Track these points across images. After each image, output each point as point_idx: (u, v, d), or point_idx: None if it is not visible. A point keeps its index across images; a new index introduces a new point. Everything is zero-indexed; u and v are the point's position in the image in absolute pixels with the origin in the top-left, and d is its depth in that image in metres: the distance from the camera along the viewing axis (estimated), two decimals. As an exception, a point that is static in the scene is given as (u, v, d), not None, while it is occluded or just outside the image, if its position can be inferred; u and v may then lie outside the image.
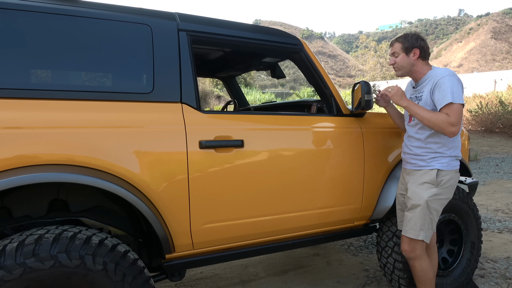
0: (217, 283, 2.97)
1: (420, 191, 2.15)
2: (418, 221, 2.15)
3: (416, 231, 2.15)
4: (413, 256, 2.20)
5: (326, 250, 3.68)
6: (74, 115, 1.64)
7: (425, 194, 2.13)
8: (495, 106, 14.36)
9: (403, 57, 2.20)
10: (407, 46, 2.19)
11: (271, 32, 2.28)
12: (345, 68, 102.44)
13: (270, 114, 2.20)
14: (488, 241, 3.80)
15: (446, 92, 2.04)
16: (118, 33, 1.80)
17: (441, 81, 2.08)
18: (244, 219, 2.03)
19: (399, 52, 2.21)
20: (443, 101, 2.04)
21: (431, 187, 2.14)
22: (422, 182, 2.16)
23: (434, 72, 2.18)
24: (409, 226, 2.18)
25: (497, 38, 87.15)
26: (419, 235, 2.15)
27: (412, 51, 2.19)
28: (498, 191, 6.11)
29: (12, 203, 1.77)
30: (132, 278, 1.58)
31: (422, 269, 2.21)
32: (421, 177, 2.18)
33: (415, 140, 2.23)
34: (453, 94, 2.03)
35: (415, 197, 2.17)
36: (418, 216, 2.15)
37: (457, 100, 2.03)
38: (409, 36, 2.22)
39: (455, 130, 2.03)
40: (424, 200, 2.13)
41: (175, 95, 1.89)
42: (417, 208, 2.15)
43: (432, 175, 2.14)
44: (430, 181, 2.15)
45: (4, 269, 1.35)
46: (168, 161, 1.80)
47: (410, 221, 2.18)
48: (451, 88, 2.04)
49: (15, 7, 1.61)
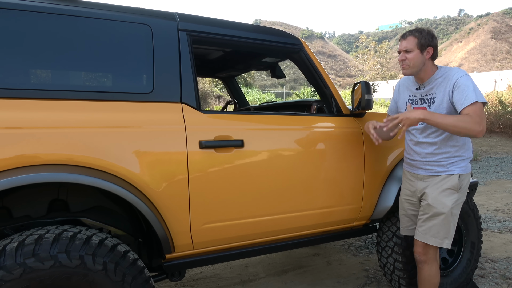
0: (217, 283, 2.97)
1: (443, 199, 2.06)
2: (442, 229, 2.07)
3: (440, 239, 2.08)
4: (424, 259, 2.16)
5: (326, 250, 3.68)
6: (74, 115, 1.64)
7: (449, 202, 2.06)
8: (495, 106, 14.36)
9: (417, 54, 2.02)
10: (423, 43, 2.01)
11: (271, 32, 2.28)
12: (345, 68, 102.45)
13: (270, 114, 2.20)
14: (488, 241, 3.80)
15: (468, 92, 1.93)
16: (118, 33, 1.80)
17: (460, 81, 1.96)
18: (244, 219, 2.03)
19: (413, 48, 2.02)
20: (465, 101, 1.92)
21: (453, 193, 2.07)
22: (445, 189, 2.07)
23: (445, 72, 2.05)
24: (431, 234, 2.10)
25: (497, 38, 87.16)
26: (443, 243, 2.09)
27: (426, 49, 2.02)
28: (498, 191, 6.11)
29: (12, 203, 1.77)
30: (132, 278, 1.58)
31: (430, 273, 2.17)
32: (442, 183, 2.08)
33: (429, 145, 2.10)
34: (475, 93, 1.92)
35: (438, 205, 2.07)
36: (442, 224, 2.07)
37: (480, 99, 1.92)
38: (425, 32, 2.03)
39: (482, 129, 1.89)
40: (449, 208, 2.05)
41: (175, 95, 1.89)
42: (441, 216, 2.06)
43: (454, 180, 2.06)
44: (452, 187, 2.06)
45: (4, 269, 1.35)
46: (168, 161, 1.80)
47: (431, 229, 2.09)
48: (473, 87, 1.94)
49: (15, 7, 1.61)
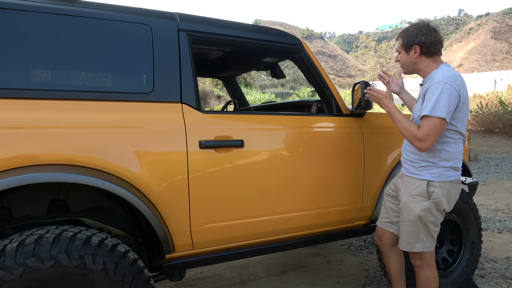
0: (217, 283, 2.97)
1: (411, 205, 2.01)
2: (411, 235, 2.04)
3: (411, 244, 2.05)
4: (419, 264, 2.12)
5: (326, 250, 3.68)
6: (74, 115, 1.64)
7: (416, 209, 1.99)
8: (495, 106, 14.37)
9: (403, 55, 2.05)
10: (405, 43, 2.02)
11: (271, 32, 2.28)
12: (345, 68, 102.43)
13: (270, 114, 2.20)
14: (488, 241, 3.80)
15: (429, 102, 1.87)
16: (118, 33, 1.80)
17: (432, 87, 1.90)
18: (244, 219, 2.03)
19: (400, 49, 2.07)
20: (423, 111, 1.89)
21: (422, 200, 1.98)
22: (414, 195, 2.01)
23: (436, 72, 1.97)
24: (402, 239, 2.09)
25: (497, 38, 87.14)
26: (415, 248, 2.04)
27: (412, 49, 2.00)
28: (498, 191, 6.11)
29: (12, 203, 1.77)
30: (132, 278, 1.58)
31: (427, 278, 2.12)
32: (412, 188, 2.02)
33: (409, 144, 2.09)
34: (434, 106, 1.85)
35: (406, 210, 2.03)
36: (409, 230, 2.03)
37: (435, 113, 1.84)
38: (409, 31, 2.01)
39: (422, 146, 1.89)
40: (415, 215, 1.99)
41: (175, 95, 1.89)
42: (408, 222, 2.03)
43: (422, 186, 1.98)
44: (421, 194, 1.99)
45: (4, 269, 1.35)
46: (168, 161, 1.80)
47: (402, 234, 2.08)
48: (437, 97, 1.84)
49: (15, 7, 1.61)
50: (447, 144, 1.97)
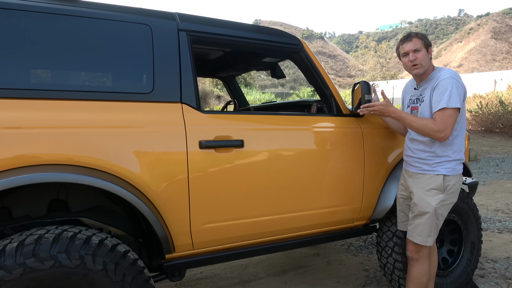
0: (217, 283, 2.98)
1: (428, 198, 2.12)
2: (425, 228, 2.12)
3: (424, 237, 2.14)
4: (416, 257, 2.19)
5: (326, 250, 3.68)
6: (74, 115, 1.64)
7: (433, 201, 2.10)
8: (495, 106, 14.36)
9: (425, 53, 2.12)
10: (426, 43, 2.13)
11: (271, 32, 2.28)
12: (345, 68, 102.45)
13: (270, 114, 2.20)
14: (488, 241, 3.80)
15: (442, 96, 2.01)
16: (118, 33, 1.80)
17: (441, 83, 2.04)
18: (244, 219, 2.03)
19: (421, 48, 2.11)
20: (438, 105, 2.02)
21: (438, 193, 2.11)
22: (429, 188, 2.12)
23: (437, 72, 2.13)
24: (416, 232, 2.16)
25: (497, 38, 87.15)
26: (427, 241, 2.14)
27: (429, 49, 2.14)
28: (498, 191, 6.11)
29: (12, 203, 1.77)
30: (132, 278, 1.58)
31: (420, 271, 2.20)
32: (427, 182, 2.13)
33: (419, 143, 2.17)
34: (449, 98, 1.99)
35: (422, 204, 2.13)
36: (425, 222, 2.12)
37: (452, 104, 1.99)
38: (422, 33, 2.18)
39: (444, 136, 2.02)
40: (432, 207, 2.10)
41: (175, 95, 1.89)
42: (425, 215, 2.12)
43: (438, 181, 2.10)
44: (437, 187, 2.11)
45: (4, 269, 1.35)
46: (168, 161, 1.80)
47: (417, 227, 2.16)
48: (450, 91, 2.00)
49: (15, 7, 1.61)
50: (456, 137, 2.14)
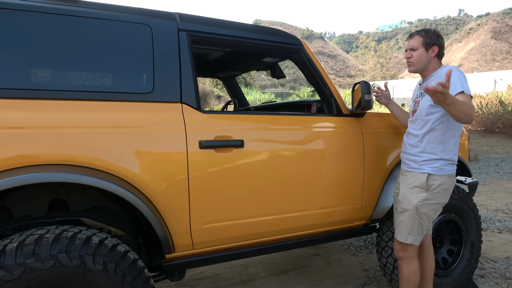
0: (217, 283, 2.98)
1: (410, 195, 2.13)
2: (406, 225, 2.14)
3: (405, 234, 2.15)
4: (402, 256, 2.21)
5: (326, 250, 3.68)
6: (74, 115, 1.64)
7: (415, 199, 2.11)
8: (495, 106, 14.37)
9: (422, 52, 2.13)
10: (428, 42, 2.13)
11: (271, 32, 2.28)
12: (345, 68, 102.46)
13: (270, 114, 2.20)
14: (488, 241, 3.80)
15: (455, 84, 1.98)
16: (118, 33, 1.80)
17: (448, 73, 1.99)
18: (244, 219, 2.03)
19: (418, 46, 2.14)
20: (453, 90, 1.97)
21: (421, 192, 2.11)
22: (413, 186, 2.13)
23: (441, 69, 2.15)
24: (399, 229, 2.19)
25: (497, 38, 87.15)
26: (407, 239, 2.14)
27: (431, 48, 2.13)
28: (498, 191, 6.11)
29: (12, 203, 1.77)
30: (132, 278, 1.58)
31: (409, 271, 2.21)
32: (412, 180, 2.15)
33: (413, 137, 2.19)
34: (462, 85, 1.99)
35: (404, 201, 2.15)
36: (406, 220, 2.14)
37: (467, 91, 1.99)
38: (430, 32, 2.15)
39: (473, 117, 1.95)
40: (413, 204, 2.11)
41: (175, 95, 1.89)
42: (406, 213, 2.14)
43: (422, 179, 2.10)
44: (420, 185, 2.11)
45: (4, 269, 1.35)
46: (168, 161, 1.80)
47: (399, 224, 2.18)
48: (460, 80, 2.00)
49: (15, 7, 1.61)
50: (450, 137, 2.11)
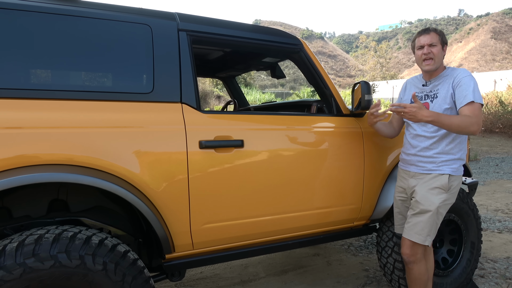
0: (217, 283, 2.98)
1: (431, 197, 2.10)
2: (426, 227, 2.10)
3: (423, 236, 2.10)
4: (413, 260, 2.16)
5: (326, 250, 3.68)
6: (74, 115, 1.64)
7: (437, 200, 2.09)
8: (495, 106, 14.37)
9: (440, 49, 2.12)
10: (444, 40, 2.14)
11: (271, 32, 2.28)
12: (345, 68, 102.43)
13: (270, 114, 2.20)
14: (488, 241, 3.80)
15: (467, 92, 2.02)
16: (118, 33, 1.80)
17: (463, 80, 2.06)
18: (244, 219, 2.03)
19: (437, 43, 2.11)
20: (464, 100, 2.02)
21: (441, 193, 2.10)
22: (434, 187, 2.10)
23: (451, 71, 2.15)
24: (415, 231, 2.12)
25: (497, 38, 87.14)
26: (426, 241, 2.11)
27: (444, 47, 2.15)
28: (498, 191, 6.11)
29: (12, 203, 1.77)
30: (132, 278, 1.58)
31: (420, 272, 2.18)
32: (432, 181, 2.12)
33: (426, 139, 2.14)
34: (474, 94, 2.01)
35: (425, 202, 2.10)
36: (426, 221, 2.10)
37: (478, 100, 2.01)
38: (440, 30, 2.17)
39: (478, 128, 2.00)
40: (435, 206, 2.08)
41: (175, 95, 1.89)
42: (427, 214, 2.09)
43: (443, 180, 2.10)
44: (441, 187, 2.10)
45: (4, 269, 1.35)
46: (168, 161, 1.80)
47: (416, 225, 2.12)
48: (473, 88, 2.03)
49: (15, 7, 1.61)
50: (464, 138, 2.18)
